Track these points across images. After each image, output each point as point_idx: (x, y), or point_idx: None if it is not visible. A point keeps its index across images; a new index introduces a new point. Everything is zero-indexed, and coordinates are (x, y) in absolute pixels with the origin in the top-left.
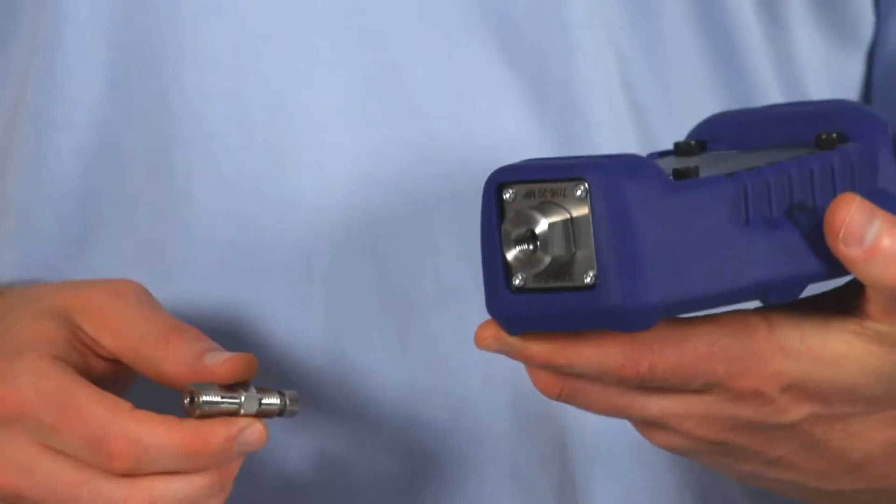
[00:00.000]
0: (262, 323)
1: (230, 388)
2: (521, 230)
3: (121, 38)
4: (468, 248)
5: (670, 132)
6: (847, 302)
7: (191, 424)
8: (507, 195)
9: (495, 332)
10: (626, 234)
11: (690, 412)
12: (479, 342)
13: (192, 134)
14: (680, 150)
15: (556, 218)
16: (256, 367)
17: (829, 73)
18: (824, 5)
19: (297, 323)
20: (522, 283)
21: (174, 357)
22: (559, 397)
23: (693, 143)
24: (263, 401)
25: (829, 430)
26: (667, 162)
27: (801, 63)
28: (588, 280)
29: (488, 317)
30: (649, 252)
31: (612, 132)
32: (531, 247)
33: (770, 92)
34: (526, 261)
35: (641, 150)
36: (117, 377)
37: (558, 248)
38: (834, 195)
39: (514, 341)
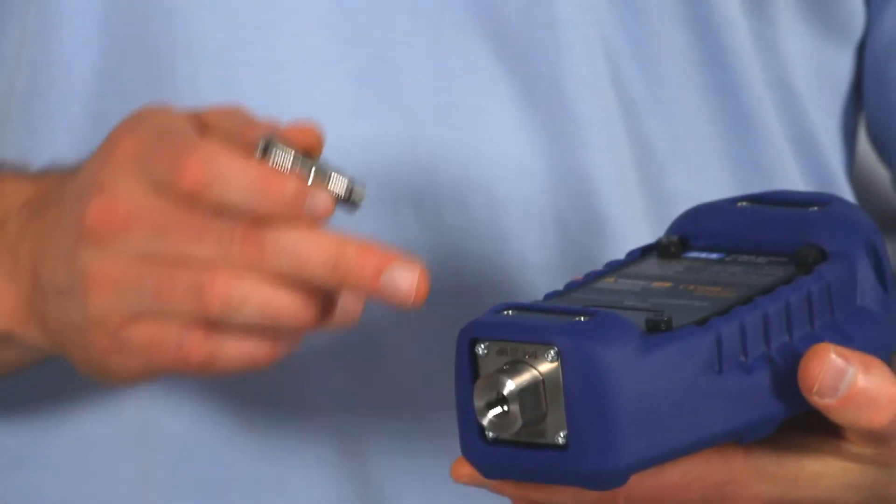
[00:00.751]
0: None
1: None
2: (492, 395)
3: (115, 30)
4: (454, 242)
5: (659, 127)
6: (825, 420)
7: (268, 168)
8: (480, 350)
9: (470, 473)
10: (598, 398)
11: None
12: (455, 478)
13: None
14: (662, 248)
15: (525, 380)
16: (322, 141)
17: (817, 68)
18: (812, 0)
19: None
20: (496, 435)
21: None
22: None
23: (676, 240)
24: (333, 174)
25: None
26: (646, 270)
27: (789, 59)
28: (560, 440)
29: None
30: (621, 415)
31: (602, 128)
32: (503, 409)
33: (756, 88)
34: (499, 423)
35: (630, 147)
36: None
37: (529, 412)
38: (811, 324)
39: (489, 483)
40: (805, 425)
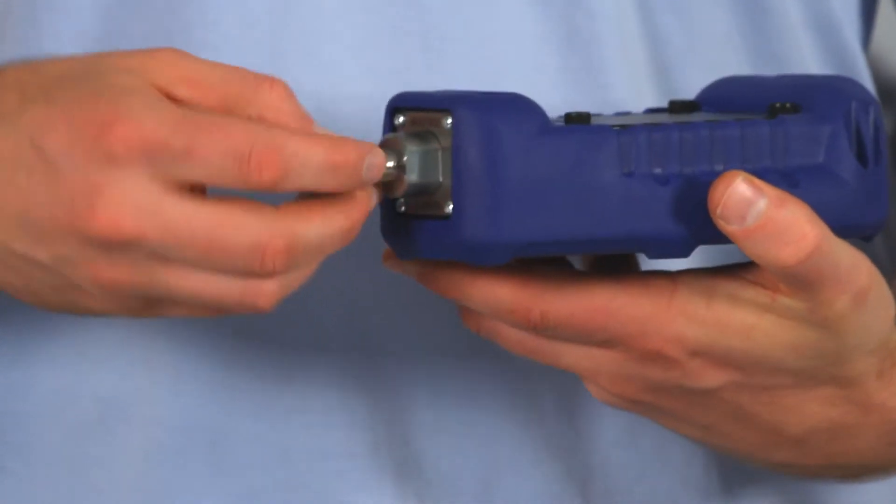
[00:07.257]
0: None
1: None
2: (392, 157)
3: None
4: None
5: (673, 22)
6: (762, 273)
7: (328, 137)
8: (399, 120)
9: (391, 257)
10: (481, 170)
11: (600, 367)
12: (384, 262)
13: (193, 22)
14: (673, 107)
15: (422, 147)
16: None
17: None
18: None
19: None
20: (403, 209)
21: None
22: (479, 333)
23: (688, 102)
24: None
25: (755, 401)
26: (643, 118)
27: None
28: (447, 210)
29: None
30: (504, 191)
31: (615, 22)
32: (396, 165)
33: None
34: (390, 184)
35: (644, 42)
36: None
37: (417, 176)
38: (754, 161)
39: (409, 267)
40: (741, 279)
